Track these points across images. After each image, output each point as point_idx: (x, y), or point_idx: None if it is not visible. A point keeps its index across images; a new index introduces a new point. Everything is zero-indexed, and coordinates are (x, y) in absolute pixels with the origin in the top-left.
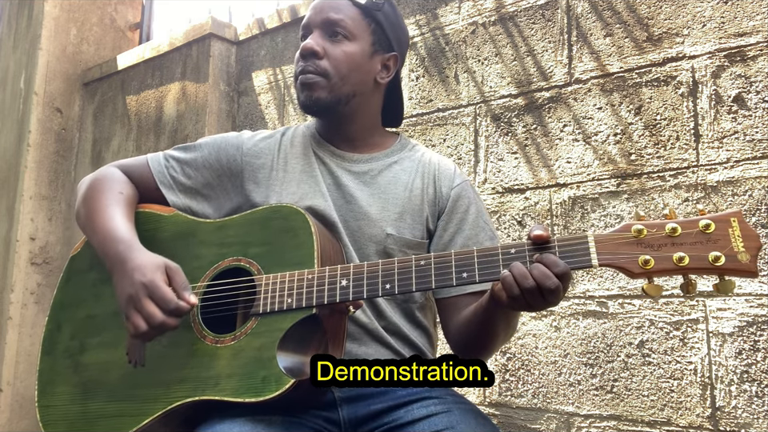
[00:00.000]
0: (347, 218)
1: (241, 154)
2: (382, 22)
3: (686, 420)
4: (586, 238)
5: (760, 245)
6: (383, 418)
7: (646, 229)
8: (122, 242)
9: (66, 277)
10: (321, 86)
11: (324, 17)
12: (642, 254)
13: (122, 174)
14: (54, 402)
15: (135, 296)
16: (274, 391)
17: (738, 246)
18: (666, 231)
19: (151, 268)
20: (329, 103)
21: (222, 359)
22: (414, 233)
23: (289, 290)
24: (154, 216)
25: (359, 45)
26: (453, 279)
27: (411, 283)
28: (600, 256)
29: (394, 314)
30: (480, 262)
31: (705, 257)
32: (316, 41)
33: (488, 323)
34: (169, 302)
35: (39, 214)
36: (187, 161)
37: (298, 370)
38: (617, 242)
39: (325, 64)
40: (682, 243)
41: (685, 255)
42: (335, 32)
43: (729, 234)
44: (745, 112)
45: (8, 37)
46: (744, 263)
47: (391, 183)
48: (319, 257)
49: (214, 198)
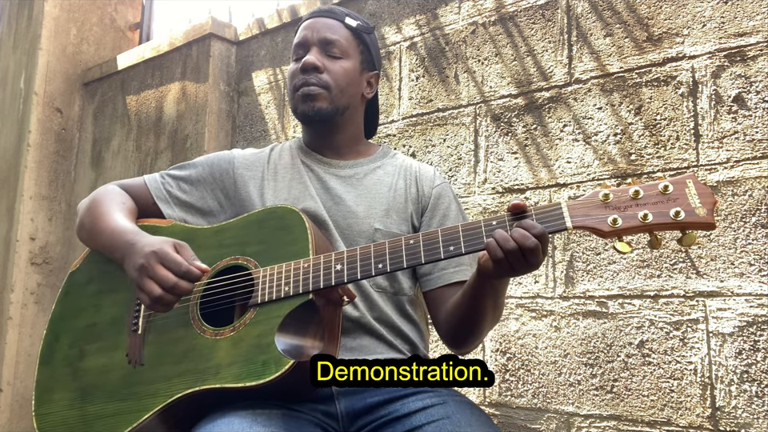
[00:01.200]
0: (336, 218)
1: (233, 168)
2: (368, 44)
3: (686, 420)
4: (560, 204)
5: (715, 200)
6: (380, 411)
7: (612, 193)
8: (130, 231)
9: (65, 291)
10: (323, 96)
11: (321, 36)
12: (610, 214)
13: (121, 190)
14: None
15: (147, 264)
16: (274, 373)
17: (694, 203)
18: (630, 194)
19: (161, 241)
20: (329, 113)
21: (222, 350)
22: (400, 227)
23: (286, 279)
24: (151, 228)
25: (352, 63)
26: (441, 253)
27: (402, 260)
28: (573, 219)
29: (385, 305)
30: (465, 235)
31: (666, 212)
32: (316, 56)
33: (476, 301)
34: (180, 264)
35: (39, 214)
36: (183, 177)
37: (297, 352)
38: (587, 205)
39: (326, 77)
40: (645, 203)
41: (648, 212)
42: (332, 50)
43: (686, 192)
44: (745, 112)
45: (8, 37)
46: (702, 216)
47: (376, 184)
48: (314, 248)
49: (209, 211)
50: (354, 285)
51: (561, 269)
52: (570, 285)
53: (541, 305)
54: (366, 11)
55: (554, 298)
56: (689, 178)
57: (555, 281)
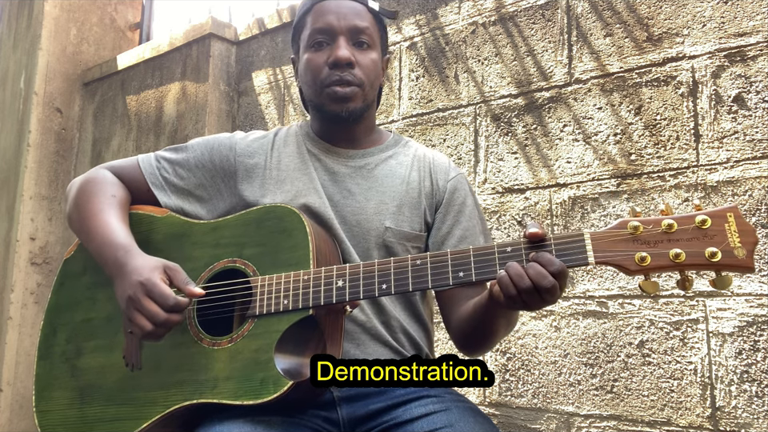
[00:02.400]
0: (344, 213)
1: (234, 155)
2: (386, 28)
3: (686, 420)
4: (582, 235)
5: (756, 240)
6: (382, 417)
7: (642, 225)
8: (121, 247)
9: (60, 281)
10: (357, 96)
11: (350, 24)
12: (638, 250)
13: (113, 176)
14: (51, 407)
15: (134, 296)
16: (272, 393)
17: (734, 242)
18: (662, 227)
19: (149, 268)
20: (361, 111)
21: (220, 362)
22: (412, 225)
23: (285, 292)
24: (146, 218)
25: (377, 52)
26: (449, 279)
27: (408, 283)
28: (596, 254)
29: (394, 307)
30: (476, 261)
31: (701, 253)
32: (348, 50)
33: (488, 320)
34: (167, 298)
35: (39, 214)
36: (179, 162)
37: (296, 371)
38: (613, 239)
39: (359, 73)
40: (678, 239)
41: (681, 251)
42: (361, 39)
43: (725, 229)
44: (745, 112)
45: (8, 37)
46: (741, 258)
47: (388, 176)
48: (315, 257)
49: (207, 199)
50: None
51: None
52: (570, 285)
53: None
54: None
55: None
56: (730, 212)
57: None
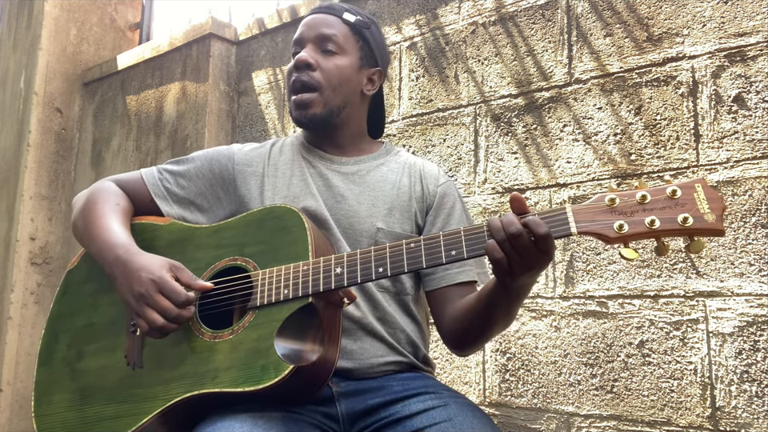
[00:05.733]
0: (338, 216)
1: (233, 164)
2: (368, 39)
3: (686, 420)
4: (564, 209)
5: (724, 206)
6: (381, 413)
7: (618, 197)
8: (121, 246)
9: (63, 290)
10: (315, 102)
11: (317, 32)
12: (616, 220)
13: (117, 188)
14: (51, 411)
15: (146, 293)
16: (273, 378)
17: (703, 208)
18: (637, 199)
19: (157, 266)
20: (322, 117)
21: (221, 353)
22: (403, 227)
23: (285, 282)
24: (149, 226)
25: (349, 59)
26: (442, 257)
27: (403, 264)
28: (578, 224)
29: (388, 305)
30: (467, 238)
31: (674, 218)
32: (309, 53)
33: (490, 308)
34: (180, 295)
35: (39, 214)
36: (180, 172)
37: (297, 356)
38: (592, 210)
39: (318, 76)
40: (653, 208)
41: (655, 218)
42: (327, 46)
43: (694, 197)
44: (745, 112)
45: (8, 37)
46: (711, 222)
47: (379, 182)
48: (314, 250)
49: (208, 207)
50: (356, 286)
51: (561, 269)
52: (569, 285)
53: (541, 305)
54: (366, 11)
55: (553, 297)
56: (698, 183)
57: (555, 281)
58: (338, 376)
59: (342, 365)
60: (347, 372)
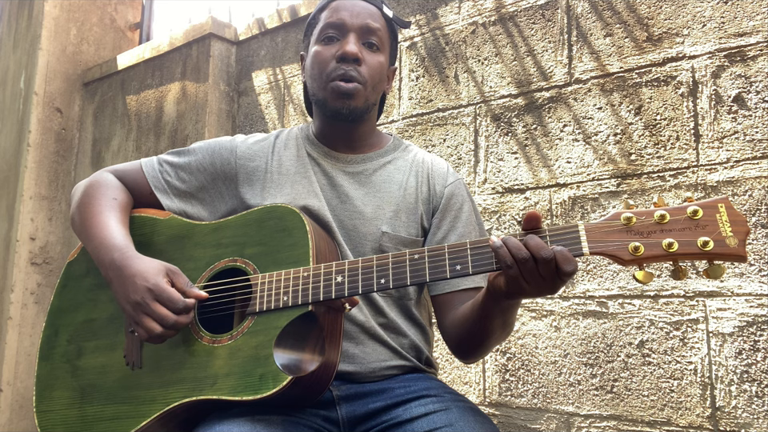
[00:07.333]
0: (342, 218)
1: (235, 158)
2: (397, 37)
3: (685, 420)
4: (577, 227)
5: (748, 229)
6: (381, 417)
7: (635, 216)
8: (117, 249)
9: (63, 283)
10: (360, 94)
11: (363, 22)
12: (631, 241)
13: (116, 180)
14: (52, 407)
15: (143, 301)
16: (271, 389)
17: (726, 231)
18: (655, 218)
19: (153, 272)
20: (362, 111)
21: (219, 359)
22: (408, 230)
23: (285, 288)
24: (149, 220)
25: (385, 56)
26: (447, 272)
27: (406, 277)
28: (591, 244)
29: (391, 310)
30: (473, 253)
31: (693, 242)
32: (357, 47)
33: (485, 321)
34: (177, 302)
35: (39, 214)
36: (181, 165)
37: (296, 367)
38: (607, 230)
39: (364, 71)
40: (671, 230)
41: (674, 241)
42: (371, 39)
43: (717, 219)
44: (745, 112)
45: (8, 37)
46: (732, 247)
47: (386, 182)
48: (314, 255)
49: (209, 201)
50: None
51: None
52: (569, 285)
53: (541, 305)
54: None
55: (553, 297)
56: (721, 203)
57: None
58: (339, 379)
59: (344, 368)
60: (349, 375)
